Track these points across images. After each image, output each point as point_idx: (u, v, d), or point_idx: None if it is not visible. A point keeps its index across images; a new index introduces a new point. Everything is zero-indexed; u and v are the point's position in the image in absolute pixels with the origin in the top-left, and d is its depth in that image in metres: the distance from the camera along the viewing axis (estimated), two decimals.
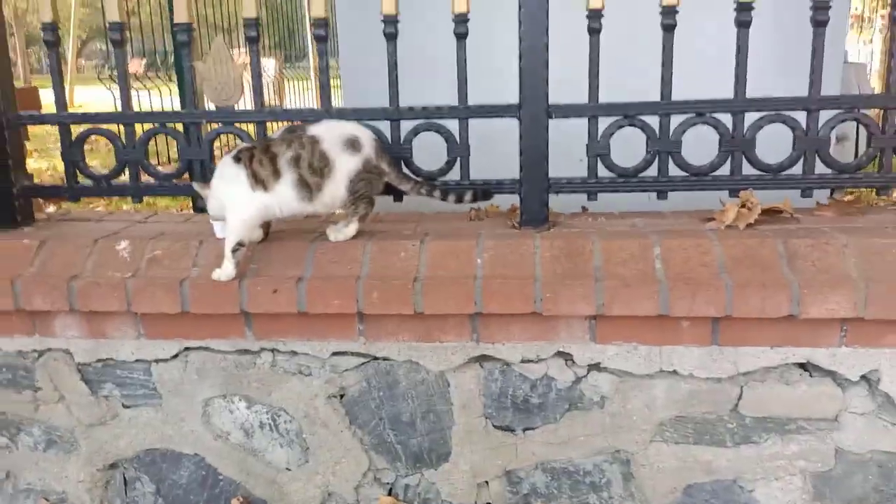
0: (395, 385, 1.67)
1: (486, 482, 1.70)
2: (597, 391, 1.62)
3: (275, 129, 1.75)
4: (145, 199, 1.93)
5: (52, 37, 1.77)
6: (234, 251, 1.54)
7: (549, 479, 1.69)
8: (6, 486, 1.79)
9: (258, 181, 1.54)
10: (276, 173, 1.54)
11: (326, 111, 1.73)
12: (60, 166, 2.20)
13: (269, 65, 8.10)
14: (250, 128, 1.81)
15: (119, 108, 1.82)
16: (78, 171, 1.84)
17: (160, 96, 4.70)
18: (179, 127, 1.81)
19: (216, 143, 1.86)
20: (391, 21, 1.70)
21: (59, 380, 1.71)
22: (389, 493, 1.73)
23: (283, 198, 1.55)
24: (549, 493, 1.70)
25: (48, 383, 1.71)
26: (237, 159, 1.56)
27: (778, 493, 1.61)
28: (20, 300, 1.62)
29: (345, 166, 1.55)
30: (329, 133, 1.56)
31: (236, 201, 1.54)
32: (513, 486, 1.70)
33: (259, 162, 1.54)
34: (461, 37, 1.69)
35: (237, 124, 1.80)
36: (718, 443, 1.61)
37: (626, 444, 1.64)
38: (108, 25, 1.75)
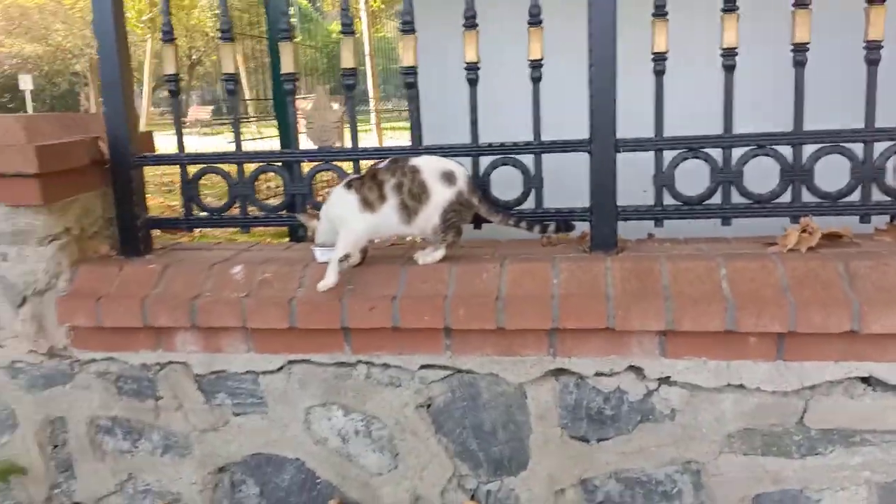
0: (478, 396, 1.82)
1: (563, 490, 1.82)
2: (667, 404, 1.74)
3: (364, 166, 1.96)
4: (221, 229, 2.15)
5: (174, 87, 2.03)
6: (340, 261, 1.75)
7: (622, 488, 1.80)
8: (127, 486, 1.99)
9: (367, 204, 1.74)
10: (382, 197, 1.74)
11: (416, 149, 1.93)
12: (161, 202, 2.45)
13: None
14: (345, 165, 2.02)
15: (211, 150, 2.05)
16: (194, 205, 2.08)
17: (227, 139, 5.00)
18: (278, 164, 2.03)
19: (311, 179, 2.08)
20: (473, 68, 1.89)
21: (179, 389, 1.92)
22: (472, 498, 1.87)
23: (387, 219, 1.75)
24: (622, 502, 1.80)
25: (168, 393, 1.92)
26: (348, 186, 1.78)
27: (844, 503, 1.68)
28: (148, 318, 1.84)
29: (440, 196, 1.74)
30: (428, 165, 1.76)
31: (348, 219, 1.76)
32: (588, 494, 1.82)
33: (368, 188, 1.75)
34: (536, 81, 1.87)
35: (334, 162, 2.01)
36: (785, 454, 1.70)
37: (697, 454, 1.75)
38: (224, 76, 2.00)
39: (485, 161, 1.94)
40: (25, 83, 24.47)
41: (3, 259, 1.91)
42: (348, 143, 2.02)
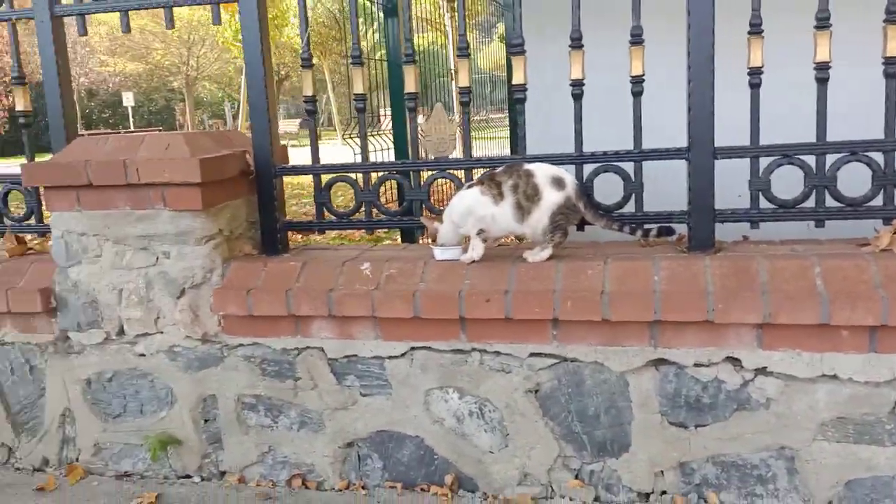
0: (582, 383, 1.99)
1: (662, 472, 1.97)
2: (763, 393, 1.87)
3: (475, 175, 2.18)
4: (334, 231, 2.39)
5: (312, 107, 2.30)
6: (478, 233, 2.00)
7: (719, 472, 1.94)
8: (267, 458, 2.26)
9: (489, 197, 1.96)
10: (501, 195, 1.95)
11: (524, 158, 2.13)
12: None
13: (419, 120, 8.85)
14: (459, 174, 2.24)
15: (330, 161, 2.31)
16: (326, 210, 2.34)
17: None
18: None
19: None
20: (578, 84, 2.08)
21: (314, 372, 2.17)
22: (576, 478, 2.04)
23: (505, 215, 1.96)
24: (719, 484, 1.94)
25: (305, 374, 2.18)
26: (469, 187, 2.00)
27: None
28: (291, 307, 2.11)
29: (550, 199, 1.94)
30: (540, 170, 1.96)
31: (472, 206, 1.99)
32: (686, 477, 1.96)
33: (488, 186, 1.96)
34: (637, 94, 2.04)
35: (450, 171, 2.24)
36: (877, 442, 1.80)
37: (791, 441, 1.87)
38: (354, 96, 2.26)
39: (588, 169, 2.12)
40: (128, 100, 26.12)
41: (165, 257, 2.21)
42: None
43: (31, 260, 2.47)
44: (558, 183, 1.95)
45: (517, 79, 2.12)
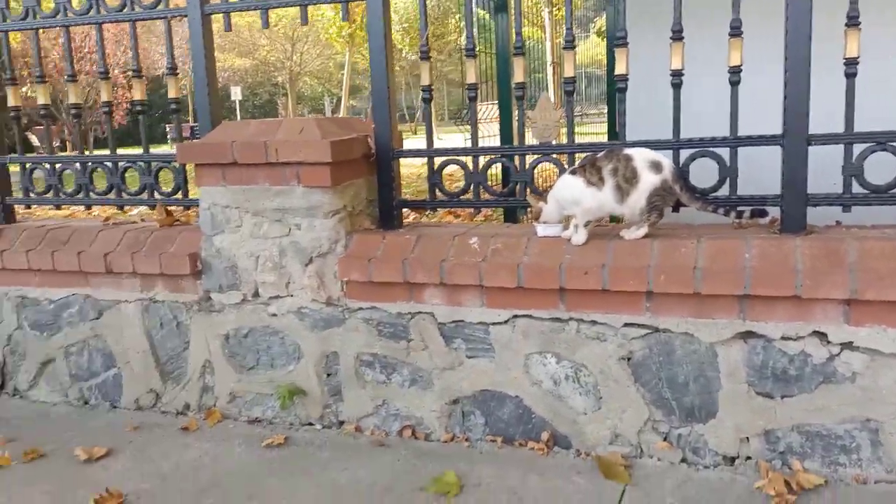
0: (673, 352, 2.14)
1: (747, 438, 2.10)
2: (849, 367, 1.97)
3: (577, 159, 2.36)
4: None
5: (428, 95, 2.54)
6: (585, 225, 2.18)
7: (803, 440, 2.05)
8: (381, 410, 2.52)
9: (590, 184, 2.14)
10: (601, 180, 2.13)
11: (623, 144, 2.29)
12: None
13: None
14: (562, 158, 2.42)
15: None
16: (438, 190, 2.58)
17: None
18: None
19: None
20: (677, 74, 2.23)
21: (425, 334, 2.41)
22: (664, 440, 2.19)
23: (606, 197, 2.13)
24: (803, 452, 2.05)
25: (417, 336, 2.43)
26: (573, 173, 2.18)
27: None
28: (407, 275, 2.36)
29: (648, 181, 2.10)
30: (639, 155, 2.12)
31: (579, 198, 2.16)
32: (770, 445, 2.08)
33: (589, 173, 2.14)
34: (735, 84, 2.17)
35: (554, 155, 2.43)
36: None
37: (876, 414, 1.96)
38: (466, 86, 2.48)
39: (685, 154, 2.26)
40: (236, 94, 27.47)
41: (297, 228, 2.51)
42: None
43: (179, 229, 2.82)
44: (656, 167, 2.11)
45: (619, 69, 2.28)
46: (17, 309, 2.98)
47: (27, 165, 3.17)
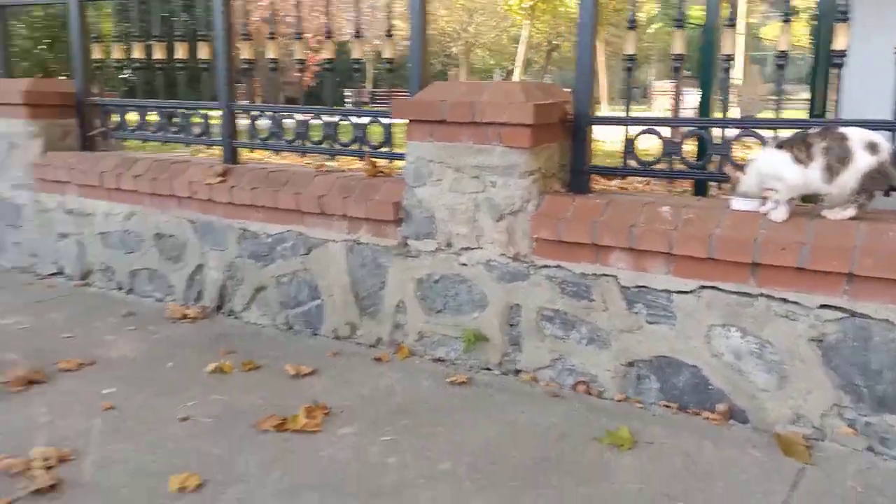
0: (870, 339, 2.09)
1: None
2: None
3: (779, 135, 2.32)
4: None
5: (631, 65, 2.60)
6: (787, 202, 2.17)
7: None
8: (557, 364, 2.66)
9: (798, 161, 2.12)
10: (810, 158, 2.10)
11: (833, 122, 2.23)
12: None
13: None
14: (763, 132, 2.39)
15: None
16: (631, 158, 2.63)
17: None
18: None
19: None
20: None
21: (607, 296, 2.51)
22: (850, 427, 2.15)
23: (813, 175, 2.10)
24: None
25: (599, 297, 2.53)
26: (779, 147, 2.17)
27: None
28: (595, 237, 2.45)
29: (862, 163, 2.04)
30: (855, 134, 2.07)
31: (784, 173, 2.15)
32: None
33: (798, 149, 2.12)
34: None
35: (755, 130, 2.40)
36: None
37: None
38: (672, 56, 2.50)
39: None
40: None
41: (492, 185, 2.67)
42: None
43: (382, 179, 3.09)
44: (872, 148, 2.04)
45: (839, 45, 2.22)
46: (238, 240, 3.40)
47: (252, 113, 3.59)
